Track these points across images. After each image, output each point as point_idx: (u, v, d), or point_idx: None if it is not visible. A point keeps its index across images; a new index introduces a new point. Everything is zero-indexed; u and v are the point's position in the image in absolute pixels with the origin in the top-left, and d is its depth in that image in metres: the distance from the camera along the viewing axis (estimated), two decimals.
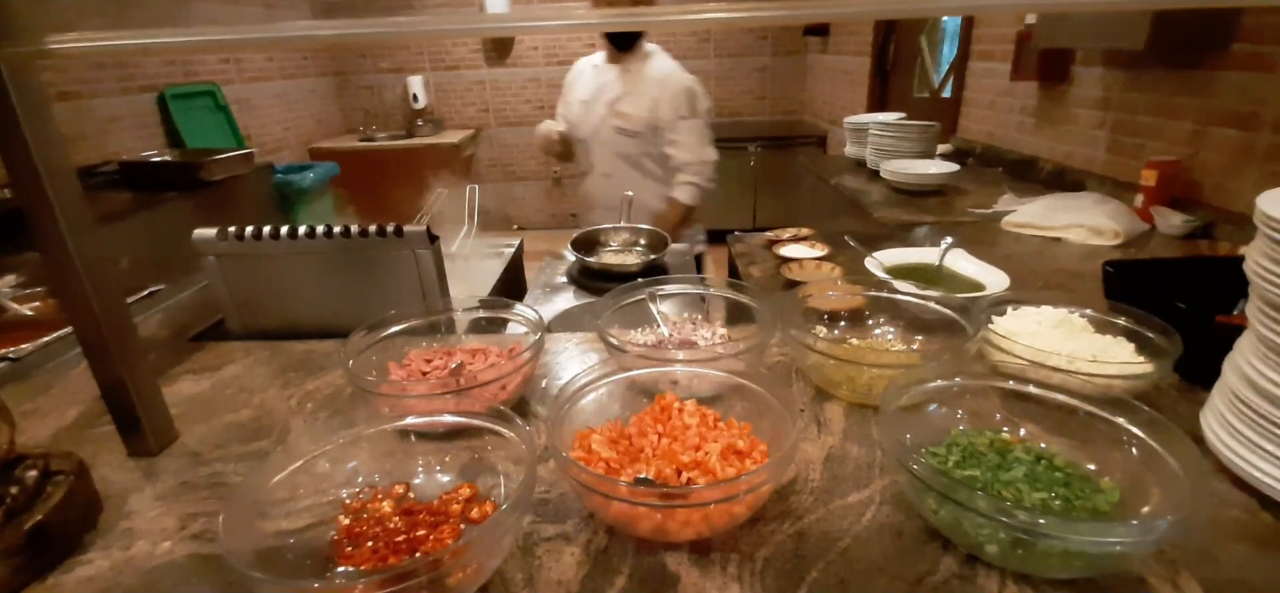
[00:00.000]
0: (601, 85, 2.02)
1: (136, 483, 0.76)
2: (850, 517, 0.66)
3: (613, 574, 0.60)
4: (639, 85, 1.98)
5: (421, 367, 0.91)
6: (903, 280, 1.09)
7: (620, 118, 1.98)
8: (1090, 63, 1.99)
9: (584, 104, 2.04)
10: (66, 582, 0.62)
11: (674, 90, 1.98)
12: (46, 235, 0.70)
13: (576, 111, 2.08)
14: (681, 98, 1.99)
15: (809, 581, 0.59)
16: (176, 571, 0.63)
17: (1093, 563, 0.56)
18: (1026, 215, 1.64)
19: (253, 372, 1.02)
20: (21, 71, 0.65)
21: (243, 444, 0.83)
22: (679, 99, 1.98)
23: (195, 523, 0.69)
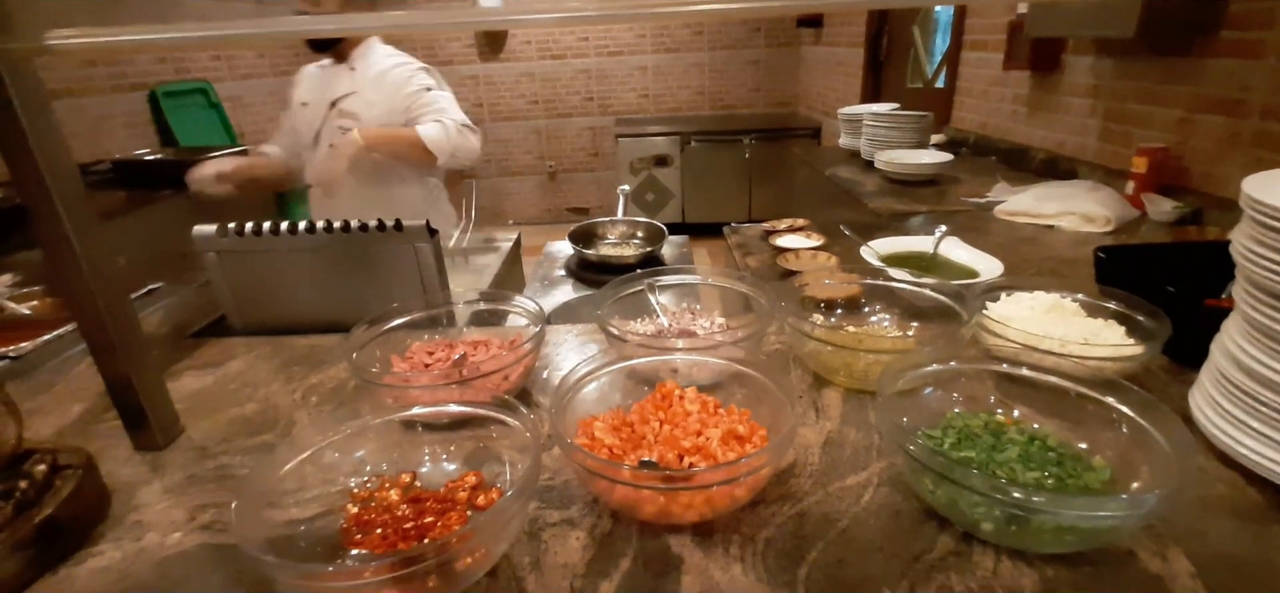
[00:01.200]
0: (324, 84, 1.84)
1: (144, 477, 0.77)
2: (849, 498, 0.68)
3: (617, 557, 0.61)
4: (363, 82, 1.83)
5: (424, 359, 0.92)
6: (898, 269, 1.11)
7: (345, 118, 1.80)
8: (1081, 51, 2.01)
9: (305, 107, 1.86)
10: (79, 574, 0.63)
11: (409, 73, 1.86)
12: (49, 233, 0.70)
13: (294, 118, 1.88)
14: (418, 81, 1.86)
15: (809, 560, 0.60)
16: (188, 560, 0.64)
17: (1085, 538, 0.57)
18: (1019, 204, 1.66)
19: (255, 367, 1.03)
20: (21, 68, 0.66)
21: (248, 438, 0.84)
22: (411, 80, 1.85)
23: (204, 514, 0.70)
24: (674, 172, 4.88)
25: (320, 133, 1.84)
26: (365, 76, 1.84)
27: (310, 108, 1.85)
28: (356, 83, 1.83)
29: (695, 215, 4.91)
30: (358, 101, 1.82)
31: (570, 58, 5.24)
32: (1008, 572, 0.58)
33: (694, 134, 4.80)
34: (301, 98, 1.87)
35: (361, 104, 1.82)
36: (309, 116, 1.85)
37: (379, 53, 1.89)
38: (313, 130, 1.85)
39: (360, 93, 1.82)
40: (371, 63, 1.86)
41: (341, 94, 1.81)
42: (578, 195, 5.70)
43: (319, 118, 1.83)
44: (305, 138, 1.88)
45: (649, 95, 5.39)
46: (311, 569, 0.52)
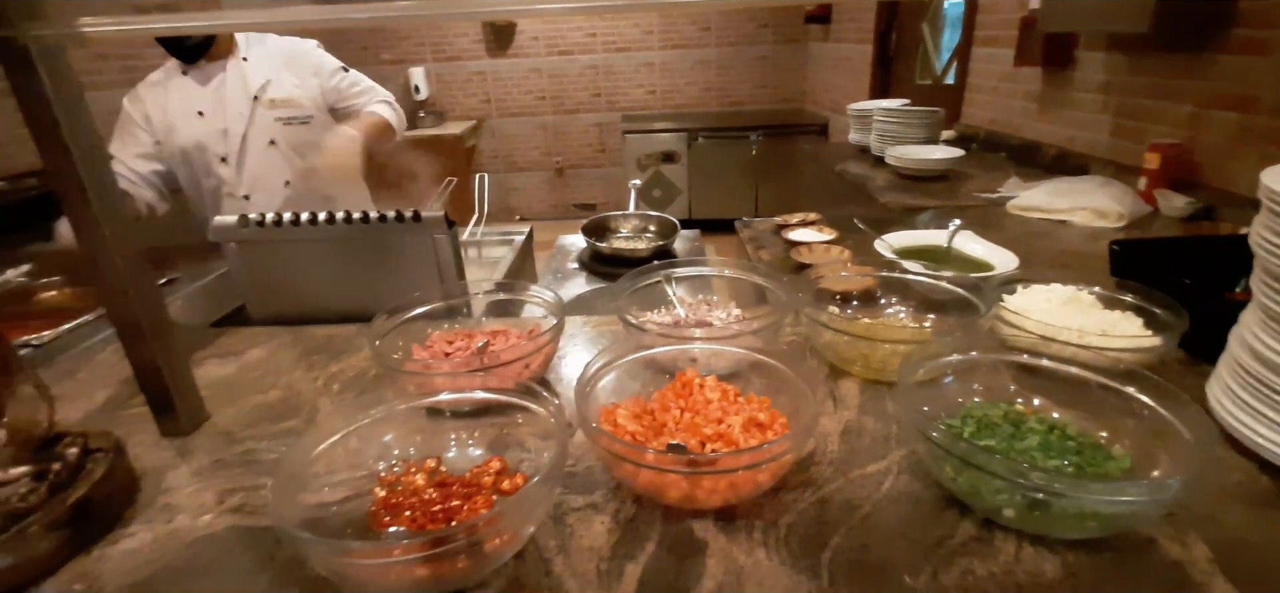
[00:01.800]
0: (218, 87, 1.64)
1: (171, 461, 0.78)
2: (869, 486, 0.68)
3: (642, 540, 0.62)
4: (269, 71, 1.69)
5: (444, 348, 0.93)
6: (912, 262, 1.11)
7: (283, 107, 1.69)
8: (1094, 47, 2.01)
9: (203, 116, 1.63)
10: (112, 554, 0.64)
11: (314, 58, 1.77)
12: (81, 219, 0.71)
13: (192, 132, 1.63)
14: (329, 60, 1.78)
15: (832, 545, 0.61)
16: (218, 542, 0.65)
17: (1106, 523, 0.58)
18: (1032, 199, 1.66)
19: (277, 355, 1.04)
20: (54, 56, 0.67)
21: (272, 424, 0.86)
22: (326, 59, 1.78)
23: (233, 497, 0.71)
24: (681, 168, 4.88)
25: (247, 136, 1.66)
26: (271, 62, 1.70)
27: (213, 117, 1.63)
28: (266, 70, 1.68)
29: (702, 211, 4.91)
30: (283, 88, 1.69)
31: (578, 54, 5.24)
32: (1030, 557, 0.59)
33: (701, 130, 4.80)
34: (195, 108, 1.62)
35: (289, 89, 1.70)
36: (214, 126, 1.63)
37: (269, 36, 1.73)
38: (233, 137, 1.65)
39: (278, 79, 1.69)
40: (270, 47, 1.72)
41: (260, 85, 1.66)
42: (585, 191, 5.70)
43: (240, 120, 1.64)
44: (216, 149, 1.65)
45: (656, 91, 5.38)
46: (347, 546, 0.53)
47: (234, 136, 1.65)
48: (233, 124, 1.64)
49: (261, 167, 1.70)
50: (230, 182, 1.69)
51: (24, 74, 0.64)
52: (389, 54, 5.19)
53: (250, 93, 1.65)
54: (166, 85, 1.64)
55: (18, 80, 0.65)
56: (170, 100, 1.62)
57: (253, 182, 1.69)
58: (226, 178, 1.68)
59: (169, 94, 1.63)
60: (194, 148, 1.63)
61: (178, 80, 1.64)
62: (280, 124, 1.69)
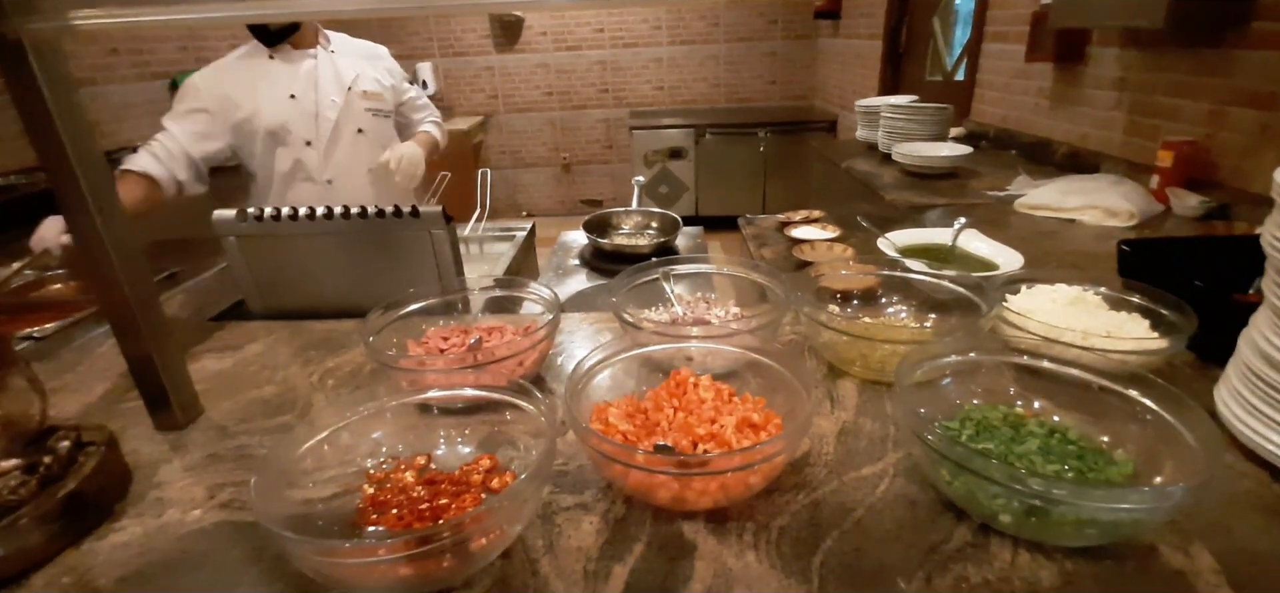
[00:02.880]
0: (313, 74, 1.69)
1: (165, 455, 0.78)
2: (864, 489, 0.67)
3: (631, 541, 0.62)
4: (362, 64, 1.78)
5: (439, 344, 0.93)
6: (915, 260, 1.09)
7: (372, 100, 1.77)
8: (1107, 42, 1.97)
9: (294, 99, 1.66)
10: (101, 547, 0.64)
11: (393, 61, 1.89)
12: (76, 215, 0.71)
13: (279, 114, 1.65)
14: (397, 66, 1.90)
15: (824, 549, 0.60)
16: (207, 537, 0.65)
17: (1106, 530, 0.57)
18: (1040, 197, 1.63)
19: (274, 350, 1.04)
20: (46, 48, 0.67)
21: (267, 419, 0.85)
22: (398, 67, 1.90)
23: (223, 492, 0.71)
24: (688, 164, 4.86)
25: (339, 122, 1.71)
26: (355, 57, 1.77)
27: (305, 101, 1.67)
28: (354, 63, 1.75)
29: (709, 209, 4.89)
30: (370, 82, 1.77)
31: (585, 49, 5.23)
32: (1026, 564, 0.57)
33: (709, 126, 4.78)
34: (287, 91, 1.66)
35: (374, 84, 1.78)
36: (304, 109, 1.67)
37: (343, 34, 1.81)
38: (324, 123, 1.70)
39: (364, 73, 1.76)
40: (350, 43, 1.80)
41: (353, 76, 1.74)
42: (591, 188, 5.70)
43: (333, 107, 1.70)
44: (303, 133, 1.68)
45: (664, 87, 5.36)
46: (329, 545, 0.53)
47: (326, 122, 1.69)
48: (326, 110, 1.69)
49: (348, 154, 1.75)
50: (313, 166, 1.71)
51: (17, 68, 0.64)
52: (397, 49, 5.16)
53: (344, 83, 1.71)
54: (251, 67, 1.65)
55: (11, 75, 0.65)
56: (256, 82, 1.64)
57: (337, 167, 1.74)
58: (309, 162, 1.70)
59: (254, 76, 1.64)
60: (279, 129, 1.65)
61: (264, 64, 1.66)
62: (369, 114, 1.76)
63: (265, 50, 1.66)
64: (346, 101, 1.72)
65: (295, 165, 1.70)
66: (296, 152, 1.69)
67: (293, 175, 1.71)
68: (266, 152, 1.68)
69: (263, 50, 1.66)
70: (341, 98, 1.71)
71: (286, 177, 1.71)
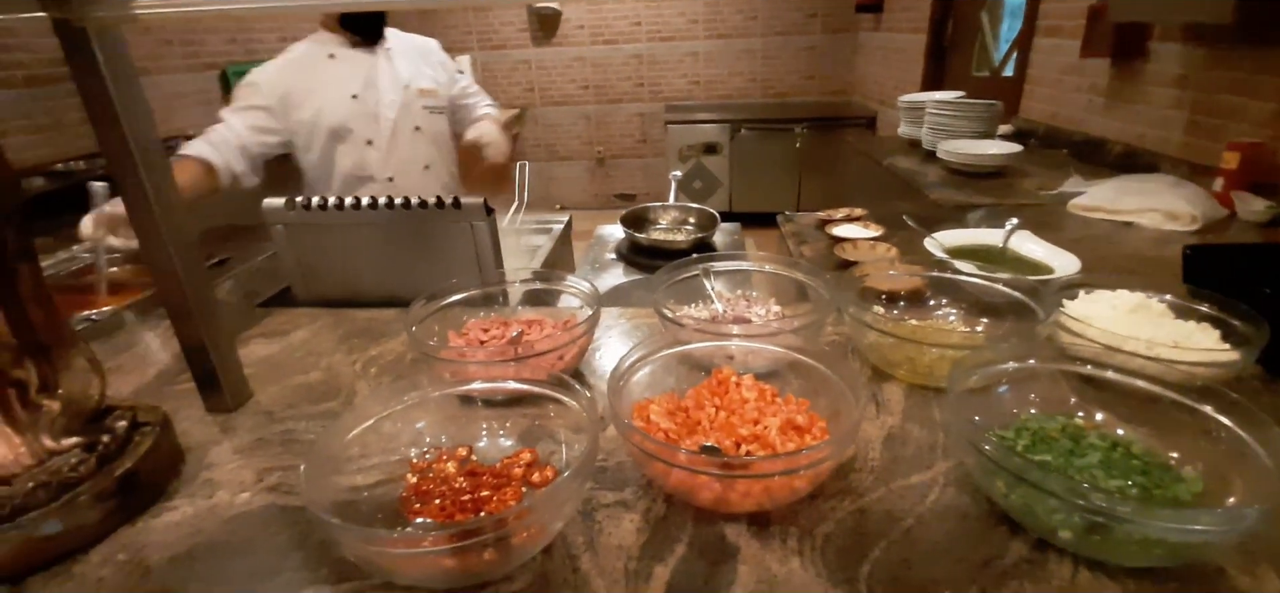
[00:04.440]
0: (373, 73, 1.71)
1: (215, 437, 0.80)
2: (912, 497, 0.65)
3: (672, 542, 0.61)
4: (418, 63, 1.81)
5: (479, 336, 0.93)
6: (964, 262, 1.06)
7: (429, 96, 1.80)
8: (1169, 38, 1.88)
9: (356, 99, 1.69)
10: (155, 525, 0.66)
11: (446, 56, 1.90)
12: (134, 199, 0.73)
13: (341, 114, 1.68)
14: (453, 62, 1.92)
15: (872, 558, 0.58)
16: (254, 520, 0.66)
17: (1173, 552, 0.54)
18: (1095, 198, 1.57)
19: (319, 337, 1.06)
20: (109, 37, 0.68)
21: (313, 405, 0.87)
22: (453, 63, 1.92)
23: (271, 476, 0.72)
24: (722, 160, 4.82)
25: (398, 121, 1.74)
26: (411, 54, 1.79)
27: (366, 100, 1.70)
28: (409, 61, 1.77)
29: (742, 205, 4.84)
30: (425, 79, 1.79)
31: (622, 43, 5.22)
32: (1087, 583, 0.55)
33: (744, 122, 4.73)
34: (347, 92, 1.67)
35: (429, 80, 1.80)
36: (366, 109, 1.70)
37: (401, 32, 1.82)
38: (384, 122, 1.72)
39: (418, 70, 1.78)
40: (405, 41, 1.80)
41: (410, 74, 1.76)
42: (625, 181, 5.69)
43: (391, 106, 1.72)
44: (365, 132, 1.71)
45: (700, 81, 5.32)
46: (375, 534, 0.53)
47: (386, 121, 1.72)
48: (386, 109, 1.71)
49: (407, 151, 1.78)
50: (375, 164, 1.74)
51: (81, 56, 0.66)
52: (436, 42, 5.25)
53: (401, 81, 1.73)
54: (314, 67, 1.67)
55: (75, 62, 0.66)
56: (319, 81, 1.66)
57: (398, 165, 1.77)
58: (371, 161, 1.73)
59: (317, 75, 1.66)
60: (340, 128, 1.68)
61: (326, 63, 1.68)
62: (426, 112, 1.79)
63: (326, 49, 1.68)
64: (405, 100, 1.74)
65: (357, 164, 1.73)
66: (358, 151, 1.71)
67: (355, 173, 1.74)
68: (327, 150, 1.70)
69: (324, 49, 1.68)
70: (400, 96, 1.74)
71: (349, 174, 1.74)
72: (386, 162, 1.74)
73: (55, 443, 0.65)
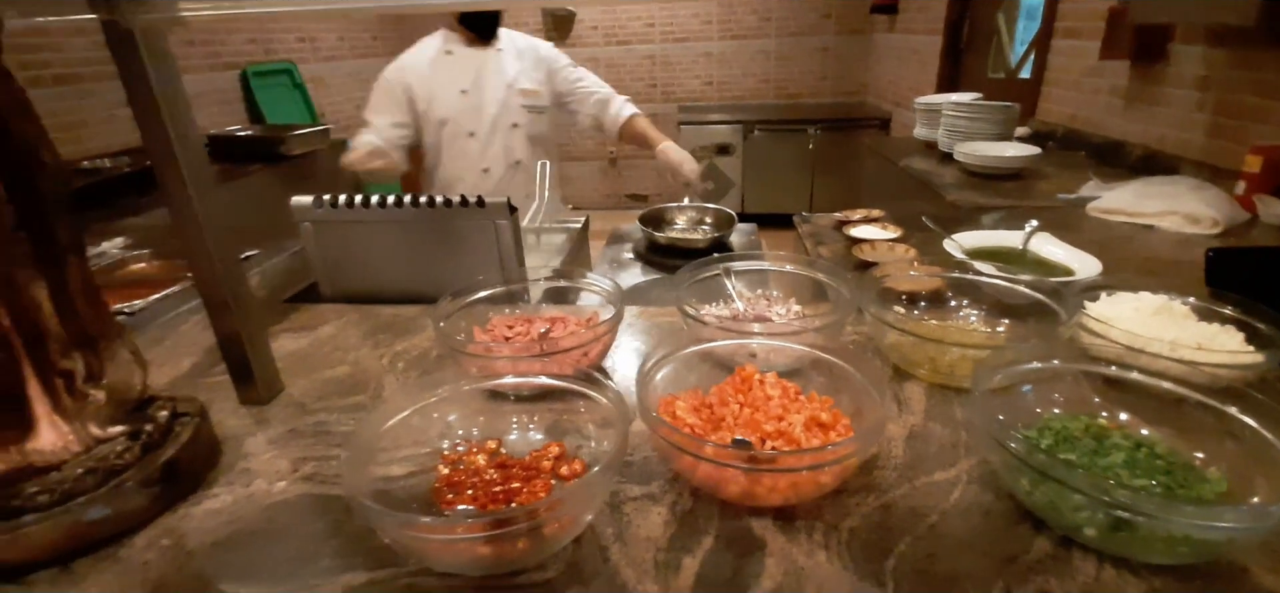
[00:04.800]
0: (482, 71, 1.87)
1: (249, 428, 0.82)
2: (937, 494, 0.66)
3: (699, 535, 0.62)
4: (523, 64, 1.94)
5: (504, 332, 0.95)
6: (983, 263, 1.06)
7: (528, 96, 1.93)
8: (1191, 40, 1.87)
9: (465, 94, 1.86)
10: (196, 513, 0.68)
11: (554, 57, 2.00)
12: (175, 195, 0.75)
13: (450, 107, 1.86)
14: (563, 61, 2.01)
15: (897, 552, 0.59)
16: (291, 508, 0.68)
17: (1198, 549, 0.54)
18: (1115, 201, 1.56)
19: (346, 332, 1.08)
20: (155, 39, 0.70)
21: (342, 398, 0.89)
22: (562, 64, 2.01)
23: (306, 466, 0.74)
24: (735, 161, 4.82)
25: (498, 118, 1.89)
26: (519, 56, 1.92)
27: (474, 95, 1.85)
28: (516, 63, 1.91)
29: (755, 206, 4.84)
30: (528, 80, 1.92)
31: (635, 44, 5.23)
32: (1111, 579, 0.55)
33: (758, 123, 4.73)
34: (457, 86, 1.84)
35: (532, 82, 1.93)
36: (472, 104, 1.86)
37: (514, 33, 1.98)
38: (485, 117, 1.87)
39: (524, 71, 1.92)
40: (517, 42, 1.96)
41: (514, 75, 1.90)
42: (637, 182, 5.71)
43: (494, 103, 1.87)
44: (467, 125, 1.87)
45: (713, 82, 5.33)
46: (419, 521, 0.54)
47: (487, 117, 1.88)
48: (488, 106, 1.87)
49: (504, 146, 1.93)
50: (473, 155, 1.91)
51: (128, 55, 0.68)
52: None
53: (506, 80, 1.88)
54: (432, 63, 1.86)
55: (122, 61, 0.69)
56: (435, 77, 1.84)
57: (494, 158, 1.93)
58: (470, 152, 1.90)
59: (434, 71, 1.85)
60: (448, 120, 1.86)
61: (443, 60, 1.86)
62: (525, 111, 1.93)
63: (446, 45, 1.86)
64: (507, 98, 1.89)
65: (459, 153, 1.89)
66: (460, 142, 1.88)
67: (455, 162, 1.91)
68: (436, 139, 1.88)
69: (444, 45, 1.86)
70: (503, 94, 1.88)
71: (451, 163, 1.92)
72: (483, 154, 1.90)
73: (101, 431, 0.67)
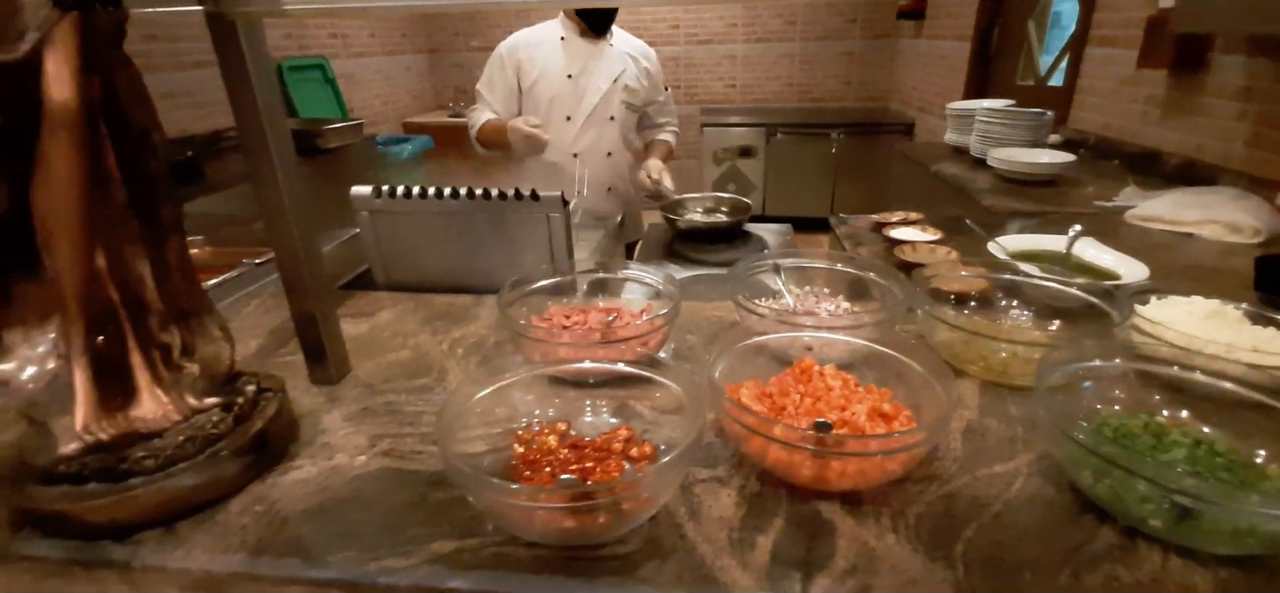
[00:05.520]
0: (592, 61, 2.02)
1: (323, 406, 0.86)
2: (997, 485, 0.68)
3: (770, 516, 0.64)
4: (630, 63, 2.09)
5: (562, 321, 0.97)
6: (1027, 266, 1.08)
7: (629, 93, 2.08)
8: (1232, 50, 1.86)
9: (571, 79, 2.02)
10: (283, 483, 0.71)
11: (656, 66, 2.16)
12: (264, 177, 0.79)
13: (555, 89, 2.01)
14: (662, 73, 2.19)
15: (964, 538, 0.61)
16: (374, 480, 0.71)
17: (1265, 541, 0.56)
18: (1154, 209, 1.56)
19: (403, 319, 1.11)
20: (254, 31, 0.74)
21: (408, 380, 0.92)
22: (661, 74, 2.18)
23: (383, 443, 0.77)
24: (757, 163, 4.84)
25: (597, 107, 2.03)
26: (628, 55, 2.07)
27: (580, 81, 2.01)
28: (623, 59, 2.05)
29: (776, 209, 4.84)
30: (632, 78, 2.07)
31: (660, 45, 5.24)
32: (1178, 569, 0.57)
33: (780, 126, 4.74)
34: (565, 71, 2.00)
35: (635, 81, 2.07)
36: (575, 90, 2.01)
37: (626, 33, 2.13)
38: (586, 104, 2.02)
39: (629, 69, 2.06)
40: (628, 43, 2.10)
41: (620, 70, 2.04)
42: None
43: (597, 93, 2.02)
44: (566, 109, 2.02)
45: (736, 85, 5.35)
46: (514, 489, 0.57)
47: (588, 104, 2.03)
48: (591, 95, 2.03)
49: (597, 134, 2.07)
50: (567, 138, 2.04)
51: (228, 45, 0.72)
52: (479, 41, 5.36)
53: (612, 74, 2.04)
54: (548, 43, 2.02)
55: (223, 50, 0.72)
56: (547, 59, 2.00)
57: (587, 143, 2.06)
58: (566, 132, 2.04)
59: (547, 51, 2.01)
60: (551, 102, 2.01)
61: (558, 43, 2.02)
62: (624, 106, 2.08)
63: (560, 32, 2.01)
64: (610, 91, 2.03)
65: (556, 133, 2.01)
66: (559, 123, 2.02)
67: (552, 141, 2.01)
68: (532, 113, 2.01)
69: (560, 31, 2.02)
70: (608, 86, 2.03)
71: None
72: (578, 138, 2.04)
73: (197, 402, 0.70)
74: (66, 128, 0.58)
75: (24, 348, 0.67)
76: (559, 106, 2.02)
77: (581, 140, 2.06)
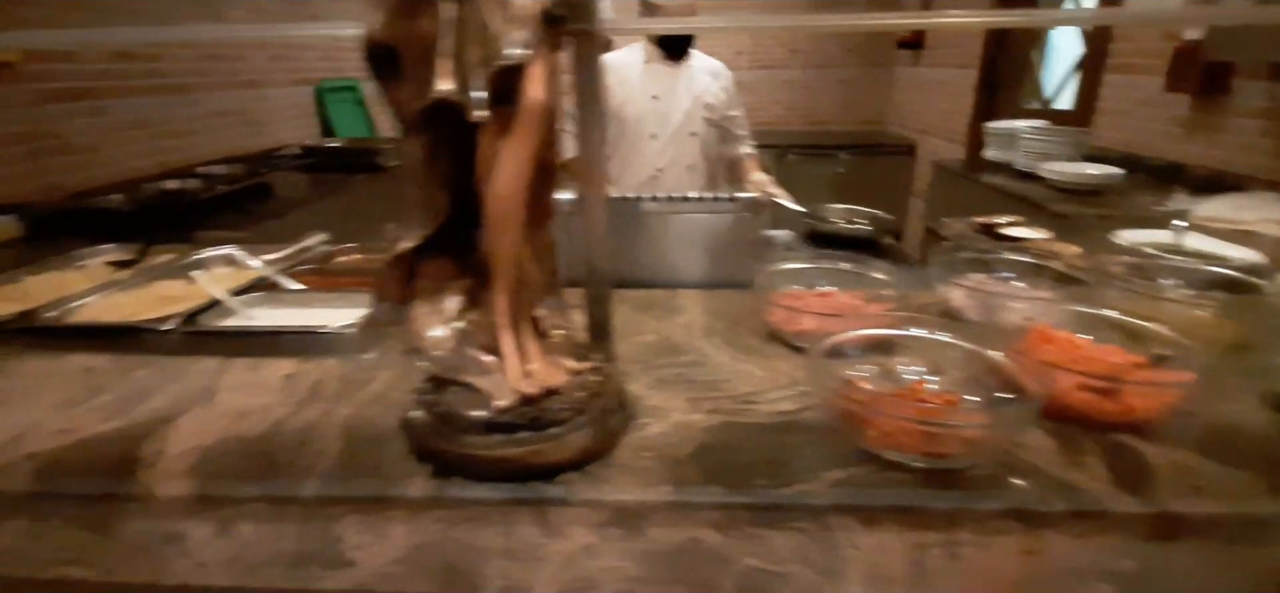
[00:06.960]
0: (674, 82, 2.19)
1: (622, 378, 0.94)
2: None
3: (1081, 452, 0.76)
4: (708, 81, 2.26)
5: (814, 304, 1.09)
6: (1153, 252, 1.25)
7: (709, 110, 2.25)
8: (1254, 76, 2.11)
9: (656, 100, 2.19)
10: (649, 436, 0.79)
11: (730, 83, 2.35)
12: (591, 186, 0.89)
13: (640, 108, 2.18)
14: (735, 89, 2.38)
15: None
16: (724, 431, 0.80)
17: None
18: (1212, 210, 1.78)
19: (620, 308, 1.19)
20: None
21: (672, 357, 1.00)
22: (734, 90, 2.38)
23: (703, 405, 0.86)
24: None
25: (680, 125, 2.18)
26: (707, 74, 2.25)
27: (665, 101, 2.17)
28: (704, 78, 2.23)
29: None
30: (713, 96, 2.23)
31: None
32: None
33: (789, 147, 4.96)
34: (651, 91, 2.17)
35: (715, 99, 2.24)
36: (659, 109, 2.17)
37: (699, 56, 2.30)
38: (671, 123, 2.17)
39: (709, 87, 2.23)
40: (706, 62, 2.30)
41: (701, 89, 2.21)
42: None
43: (679, 112, 2.18)
44: (651, 128, 2.17)
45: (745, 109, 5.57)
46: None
47: (671, 123, 2.19)
48: (674, 114, 2.19)
49: (679, 150, 2.23)
50: (651, 154, 2.21)
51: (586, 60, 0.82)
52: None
53: (694, 94, 2.20)
54: (631, 66, 2.19)
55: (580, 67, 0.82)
56: (632, 78, 2.17)
57: (670, 159, 2.23)
58: (650, 150, 2.20)
59: (631, 73, 2.18)
60: (635, 120, 2.17)
61: (641, 66, 2.19)
62: (705, 122, 2.24)
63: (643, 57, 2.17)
64: (692, 109, 2.19)
65: (637, 153, 2.19)
66: (643, 141, 2.19)
67: (630, 159, 2.22)
68: (621, 136, 2.18)
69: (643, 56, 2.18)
70: (690, 104, 2.19)
71: (626, 158, 2.22)
72: (661, 154, 2.21)
73: (577, 364, 0.80)
74: (535, 125, 0.68)
75: (434, 318, 0.76)
76: (644, 125, 2.19)
77: (665, 155, 2.23)
